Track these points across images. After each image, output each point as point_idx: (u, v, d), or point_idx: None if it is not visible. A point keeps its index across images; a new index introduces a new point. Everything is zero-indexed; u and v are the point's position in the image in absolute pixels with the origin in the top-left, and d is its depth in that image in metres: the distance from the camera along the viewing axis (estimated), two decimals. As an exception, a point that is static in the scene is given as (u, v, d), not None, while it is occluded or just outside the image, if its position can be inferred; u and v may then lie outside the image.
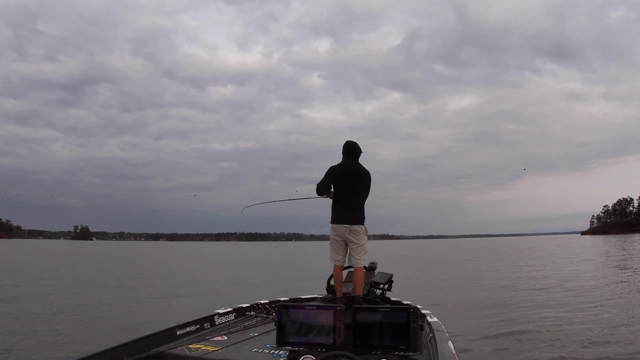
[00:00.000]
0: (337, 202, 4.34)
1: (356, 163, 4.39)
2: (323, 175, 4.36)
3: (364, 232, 4.29)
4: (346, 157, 4.38)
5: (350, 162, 4.37)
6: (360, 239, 4.26)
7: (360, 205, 4.34)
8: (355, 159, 4.40)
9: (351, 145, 4.39)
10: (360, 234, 4.27)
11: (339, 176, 4.32)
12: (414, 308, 2.15)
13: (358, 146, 4.41)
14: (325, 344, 2.13)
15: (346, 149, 4.39)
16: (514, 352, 5.67)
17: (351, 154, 4.39)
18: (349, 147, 4.38)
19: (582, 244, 54.25)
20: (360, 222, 4.30)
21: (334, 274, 4.36)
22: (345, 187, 4.30)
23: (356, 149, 4.39)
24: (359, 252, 4.25)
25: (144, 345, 2.73)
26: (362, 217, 4.34)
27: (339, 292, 4.26)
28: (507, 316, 7.95)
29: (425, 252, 44.88)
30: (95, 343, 5.49)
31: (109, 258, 34.59)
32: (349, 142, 4.41)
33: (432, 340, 2.93)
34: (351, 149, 4.39)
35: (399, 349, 2.09)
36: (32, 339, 6.34)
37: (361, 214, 4.34)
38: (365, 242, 4.30)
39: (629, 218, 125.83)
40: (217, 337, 3.10)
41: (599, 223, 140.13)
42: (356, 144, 4.42)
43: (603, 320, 7.37)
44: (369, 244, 4.35)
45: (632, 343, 5.91)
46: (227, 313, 3.80)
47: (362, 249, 4.26)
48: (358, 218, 4.30)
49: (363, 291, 4.10)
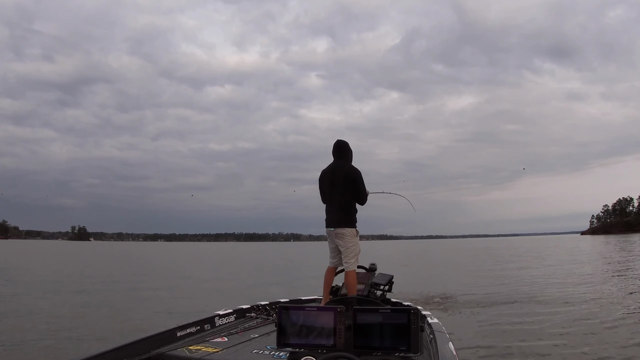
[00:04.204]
0: (325, 205, 4.31)
1: (338, 163, 4.24)
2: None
3: (351, 234, 4.13)
4: (333, 157, 4.31)
5: (333, 162, 4.28)
6: (346, 242, 4.13)
7: (342, 207, 4.16)
8: (339, 158, 4.25)
9: (335, 144, 4.28)
10: (346, 237, 4.12)
11: (321, 178, 4.29)
12: (415, 309, 2.16)
13: (343, 145, 4.26)
14: (325, 346, 2.13)
15: (332, 150, 4.30)
16: (514, 352, 5.67)
17: (334, 154, 4.28)
18: (333, 146, 4.28)
19: (581, 244, 54.26)
20: (345, 224, 4.14)
21: (325, 275, 4.30)
22: (324, 188, 4.25)
23: (340, 148, 4.25)
24: (346, 254, 4.13)
25: (145, 346, 2.72)
26: (348, 219, 4.16)
27: (325, 294, 4.20)
28: (507, 316, 7.95)
29: (423, 254, 44.83)
30: (95, 345, 5.50)
31: (106, 259, 34.52)
32: (335, 141, 4.31)
33: (432, 342, 2.92)
34: (334, 148, 4.27)
35: (399, 350, 2.09)
36: (30, 341, 6.31)
37: (345, 216, 4.16)
38: (353, 244, 4.13)
39: (629, 218, 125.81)
40: (217, 339, 3.10)
41: (599, 223, 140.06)
42: (341, 143, 4.28)
43: (608, 322, 7.32)
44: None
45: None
46: (228, 314, 3.80)
47: (350, 251, 4.12)
48: (342, 220, 4.15)
49: (364, 292, 4.09)
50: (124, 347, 2.59)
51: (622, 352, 5.53)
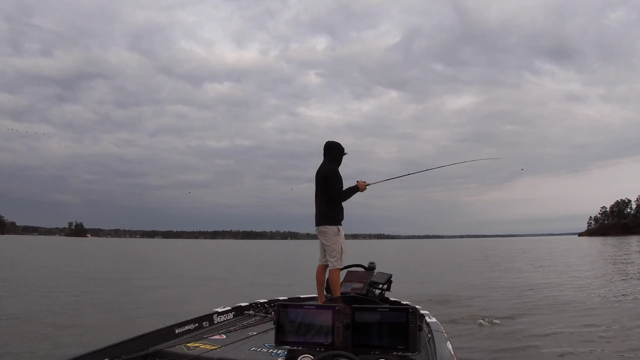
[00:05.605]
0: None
1: (323, 163, 4.32)
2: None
3: (332, 232, 4.15)
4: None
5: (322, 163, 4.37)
6: (328, 240, 4.16)
7: (323, 205, 4.22)
8: (327, 159, 4.32)
9: (324, 145, 4.36)
10: (328, 234, 4.16)
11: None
12: (413, 308, 2.16)
13: (328, 146, 4.33)
14: (323, 344, 2.13)
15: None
16: (514, 353, 5.69)
17: (324, 154, 4.36)
18: (323, 147, 4.36)
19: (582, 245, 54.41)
20: (327, 222, 4.18)
21: (316, 274, 4.31)
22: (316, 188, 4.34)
23: (325, 149, 4.33)
24: (329, 253, 4.15)
25: (143, 343, 2.73)
26: (330, 217, 4.19)
27: (320, 293, 4.20)
28: (506, 317, 7.97)
29: (422, 253, 44.88)
30: (94, 341, 5.49)
31: (103, 255, 34.45)
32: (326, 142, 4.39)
33: (430, 341, 2.93)
34: (324, 149, 4.36)
35: (397, 349, 2.09)
36: (26, 338, 6.31)
37: (327, 214, 4.20)
38: (335, 243, 4.14)
39: (627, 220, 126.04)
40: (215, 336, 3.10)
41: (597, 224, 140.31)
42: (326, 143, 4.36)
43: (605, 323, 7.33)
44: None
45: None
46: (226, 312, 3.81)
47: (332, 250, 4.13)
48: (323, 219, 4.21)
49: (362, 291, 4.09)
50: (122, 344, 2.59)
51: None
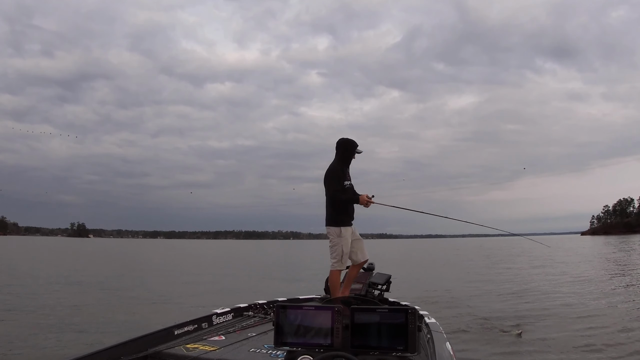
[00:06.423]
0: None
1: (332, 161, 4.23)
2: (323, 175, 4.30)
3: (334, 233, 4.11)
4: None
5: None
6: (330, 241, 4.11)
7: (327, 206, 4.16)
8: (336, 157, 4.22)
9: (336, 143, 4.27)
10: (330, 235, 4.12)
11: None
12: (412, 309, 2.16)
13: (341, 144, 4.22)
14: (323, 345, 2.13)
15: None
16: (514, 354, 5.68)
17: (336, 153, 4.27)
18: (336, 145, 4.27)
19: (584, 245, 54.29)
20: (329, 223, 4.14)
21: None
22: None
23: (336, 146, 4.23)
24: (330, 253, 4.11)
25: (142, 344, 2.72)
26: (331, 218, 4.14)
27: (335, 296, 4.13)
28: (506, 317, 7.96)
29: (423, 253, 44.83)
30: (93, 342, 5.50)
31: (105, 256, 34.51)
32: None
33: (429, 341, 2.93)
34: (336, 147, 4.26)
35: (396, 349, 2.09)
36: (27, 339, 6.31)
37: (329, 214, 4.15)
38: (336, 244, 4.09)
39: (630, 218, 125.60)
40: (214, 337, 3.09)
41: (599, 223, 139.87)
42: (339, 141, 4.25)
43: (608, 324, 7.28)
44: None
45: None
46: (225, 313, 3.79)
47: (332, 250, 4.10)
48: (326, 219, 4.18)
49: (361, 292, 4.09)
50: (121, 345, 2.58)
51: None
